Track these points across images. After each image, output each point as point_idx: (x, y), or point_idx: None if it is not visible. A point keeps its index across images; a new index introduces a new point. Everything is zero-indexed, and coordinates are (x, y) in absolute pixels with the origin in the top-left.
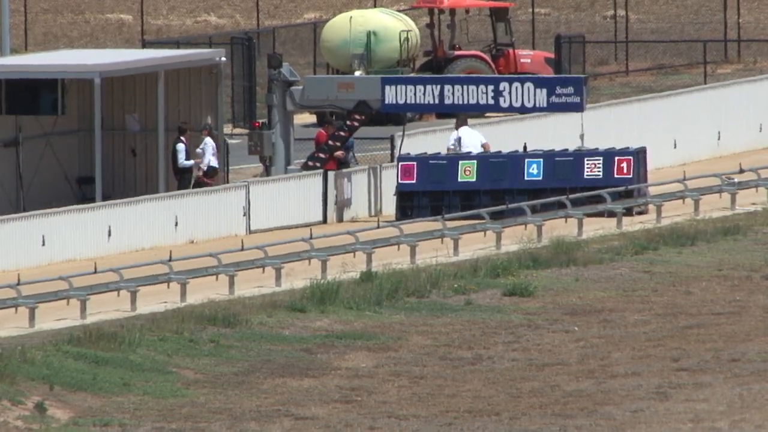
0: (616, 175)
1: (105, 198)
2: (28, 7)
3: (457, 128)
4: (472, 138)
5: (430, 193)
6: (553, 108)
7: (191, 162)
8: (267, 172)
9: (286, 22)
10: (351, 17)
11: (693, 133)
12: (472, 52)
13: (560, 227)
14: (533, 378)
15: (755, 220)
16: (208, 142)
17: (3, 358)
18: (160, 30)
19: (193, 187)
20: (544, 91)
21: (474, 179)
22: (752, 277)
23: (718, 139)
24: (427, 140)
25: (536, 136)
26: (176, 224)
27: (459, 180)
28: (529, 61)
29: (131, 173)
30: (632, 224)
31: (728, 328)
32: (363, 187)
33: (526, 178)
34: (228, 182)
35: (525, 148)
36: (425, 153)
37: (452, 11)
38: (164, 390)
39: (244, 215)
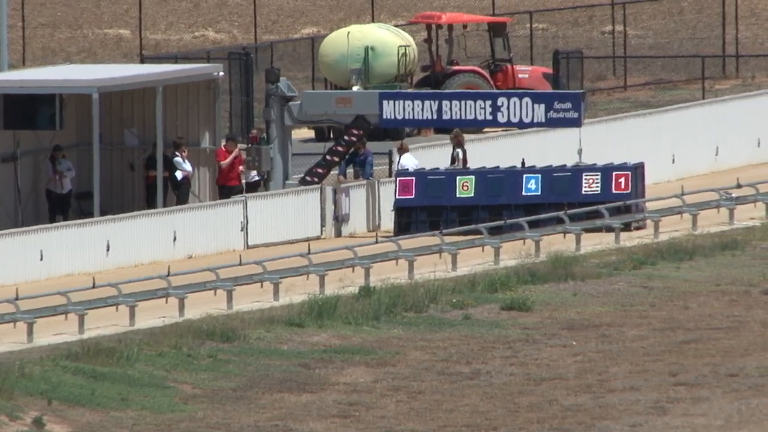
0: (614, 191)
1: (103, 213)
2: (26, 22)
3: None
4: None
5: (428, 208)
6: (551, 123)
7: (189, 168)
8: (265, 186)
9: (284, 37)
10: (349, 32)
11: (691, 148)
12: (470, 67)
13: (558, 242)
14: (531, 392)
15: (753, 234)
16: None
17: (1, 373)
18: (158, 45)
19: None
20: (542, 106)
21: (472, 194)
22: (750, 291)
23: (716, 154)
24: (425, 155)
25: (534, 151)
26: (174, 239)
27: (457, 195)
28: (527, 76)
29: (129, 188)
30: (630, 239)
31: (726, 343)
32: (361, 202)
33: (524, 194)
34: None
35: (523, 163)
36: (423, 168)
37: (450, 26)
38: (162, 405)
39: (242, 230)
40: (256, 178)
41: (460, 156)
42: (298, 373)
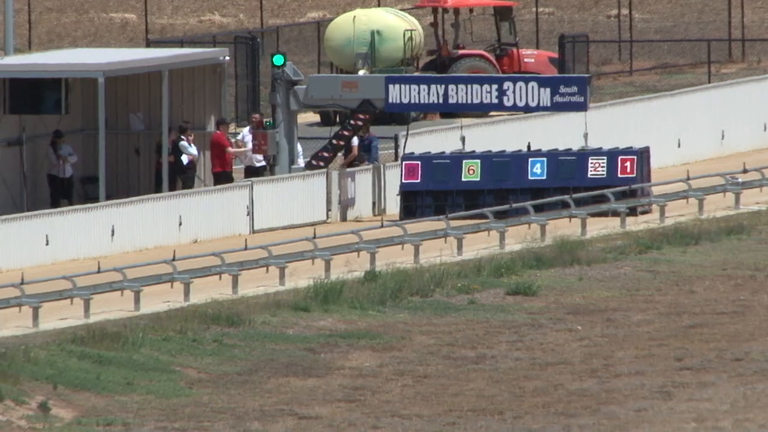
0: (619, 175)
1: (108, 198)
2: (31, 6)
3: None
4: None
5: (433, 193)
6: (556, 107)
7: (195, 152)
8: (271, 171)
9: (289, 21)
10: (355, 16)
11: (697, 133)
12: (476, 51)
13: (564, 227)
14: (537, 377)
15: (759, 219)
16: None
17: (7, 357)
18: (164, 29)
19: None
20: (548, 90)
21: (478, 179)
22: (756, 276)
23: (722, 138)
24: (431, 140)
25: (540, 135)
26: (180, 224)
27: (463, 179)
28: (532, 60)
29: (135, 172)
30: (636, 224)
31: (732, 328)
32: (367, 187)
33: (529, 178)
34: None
35: (529, 147)
36: (429, 152)
37: (456, 10)
38: (168, 389)
39: (248, 215)
40: (262, 163)
41: (355, 143)
42: (303, 357)
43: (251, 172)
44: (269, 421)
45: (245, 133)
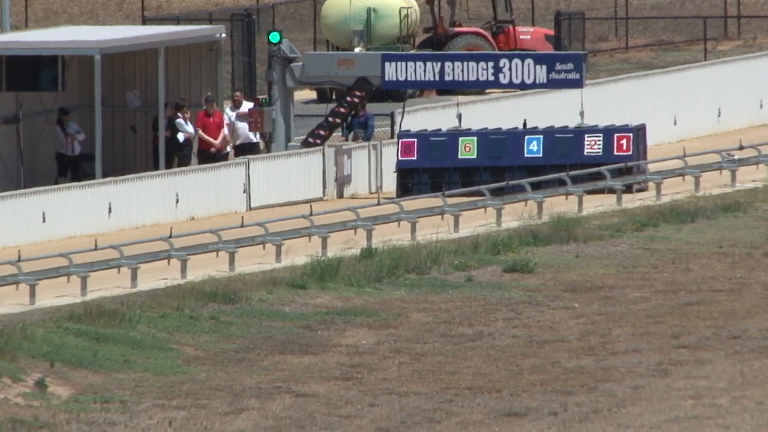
0: (615, 152)
1: (105, 175)
2: None
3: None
4: None
5: (430, 170)
6: (552, 84)
7: (191, 129)
8: (267, 148)
9: None
10: None
11: (693, 110)
12: (472, 28)
13: (560, 204)
14: (534, 355)
15: (755, 196)
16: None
17: (3, 335)
18: (161, 6)
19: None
20: (544, 67)
21: (474, 156)
22: (752, 254)
23: (718, 115)
24: (427, 117)
25: (536, 112)
26: (177, 201)
27: (459, 157)
28: (528, 37)
29: (131, 150)
30: (632, 201)
31: (728, 305)
32: (363, 164)
33: (526, 155)
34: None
35: (525, 124)
36: (426, 130)
37: None
38: (165, 367)
39: (245, 192)
40: (254, 140)
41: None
42: (300, 334)
43: (246, 149)
44: (266, 399)
45: (228, 113)
